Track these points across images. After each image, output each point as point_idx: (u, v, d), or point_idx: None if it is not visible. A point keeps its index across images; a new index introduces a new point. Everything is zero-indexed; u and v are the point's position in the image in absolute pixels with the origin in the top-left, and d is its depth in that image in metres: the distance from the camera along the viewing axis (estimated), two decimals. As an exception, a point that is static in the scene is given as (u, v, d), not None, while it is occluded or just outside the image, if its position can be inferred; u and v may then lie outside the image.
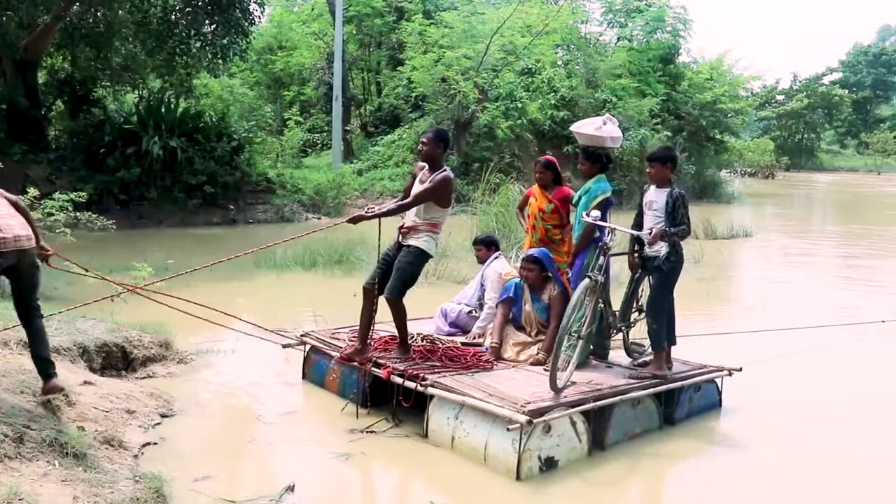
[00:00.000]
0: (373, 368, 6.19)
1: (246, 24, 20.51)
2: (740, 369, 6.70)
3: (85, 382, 5.91)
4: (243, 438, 5.78)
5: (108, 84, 21.71)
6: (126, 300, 7.80)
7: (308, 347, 7.12)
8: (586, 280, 5.82)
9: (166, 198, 18.71)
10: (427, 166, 6.29)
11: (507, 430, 5.05)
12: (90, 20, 19.46)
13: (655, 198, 6.12)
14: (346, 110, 28.25)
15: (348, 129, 28.50)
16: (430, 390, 5.69)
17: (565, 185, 7.00)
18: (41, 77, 20.51)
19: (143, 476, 4.60)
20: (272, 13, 33.91)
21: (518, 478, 5.00)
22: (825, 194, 42.78)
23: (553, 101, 27.25)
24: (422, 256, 6.27)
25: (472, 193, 17.34)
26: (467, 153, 24.93)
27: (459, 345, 6.76)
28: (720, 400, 6.67)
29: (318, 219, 20.64)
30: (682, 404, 6.28)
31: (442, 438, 5.57)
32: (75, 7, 18.44)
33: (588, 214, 6.18)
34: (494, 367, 6.20)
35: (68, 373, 5.97)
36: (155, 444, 5.39)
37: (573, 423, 5.37)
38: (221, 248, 14.94)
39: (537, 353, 6.31)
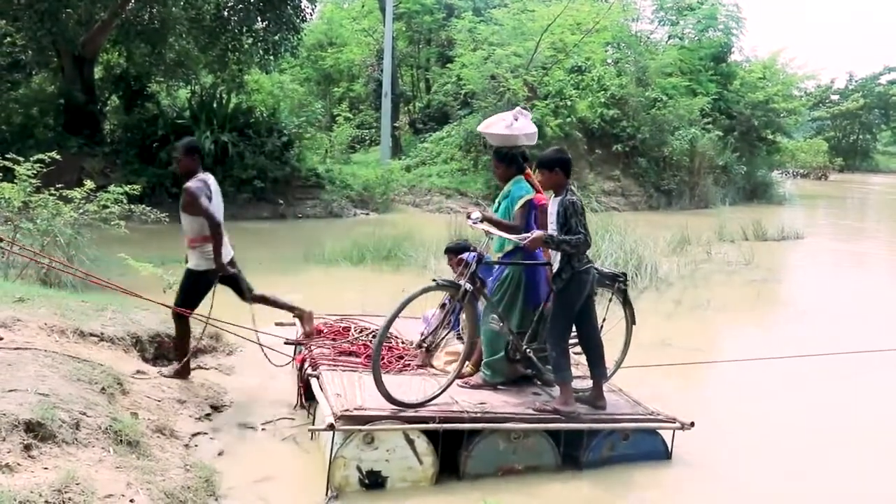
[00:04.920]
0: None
1: (297, 20, 20.81)
2: (692, 425, 5.61)
3: (138, 372, 6.03)
4: (286, 432, 5.78)
5: (162, 79, 22.09)
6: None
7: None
8: (431, 284, 5.31)
9: (217, 192, 18.93)
10: None
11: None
12: (145, 17, 19.78)
13: (551, 207, 5.46)
14: (395, 107, 28.35)
15: (397, 125, 28.57)
16: (312, 380, 5.62)
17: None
18: (97, 72, 20.93)
19: (193, 465, 4.70)
20: (322, 10, 34.14)
21: (328, 483, 4.75)
22: (880, 196, 41.67)
23: (603, 100, 26.95)
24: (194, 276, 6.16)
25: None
26: (515, 151, 24.83)
27: (411, 347, 6.28)
28: (668, 452, 5.63)
29: (367, 214, 20.76)
30: (593, 449, 5.41)
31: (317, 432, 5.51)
32: (131, 4, 18.80)
33: (470, 216, 5.67)
34: (405, 371, 5.77)
35: (122, 362, 6.10)
36: (205, 433, 5.49)
37: (410, 441, 4.92)
38: (270, 243, 15.12)
39: (466, 365, 5.66)
